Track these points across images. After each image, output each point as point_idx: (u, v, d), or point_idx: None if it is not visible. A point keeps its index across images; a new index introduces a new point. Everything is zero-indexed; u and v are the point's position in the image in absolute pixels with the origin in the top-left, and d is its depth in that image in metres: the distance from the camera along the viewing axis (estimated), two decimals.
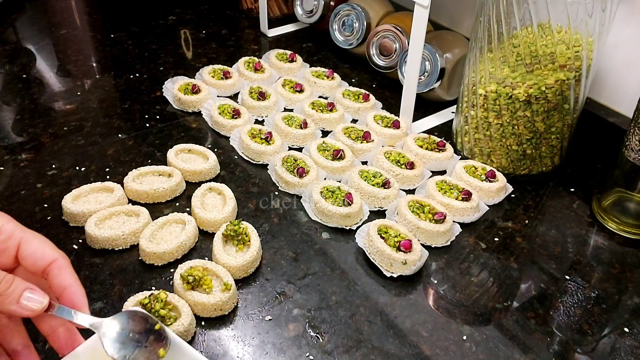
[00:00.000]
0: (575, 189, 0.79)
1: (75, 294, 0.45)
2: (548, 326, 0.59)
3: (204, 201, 0.71)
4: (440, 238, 0.68)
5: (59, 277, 0.45)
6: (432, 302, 0.62)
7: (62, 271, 0.45)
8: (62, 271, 0.45)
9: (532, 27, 0.67)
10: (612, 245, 0.70)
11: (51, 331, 0.46)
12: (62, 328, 0.46)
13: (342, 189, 0.72)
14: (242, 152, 0.82)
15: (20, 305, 0.42)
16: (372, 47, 0.97)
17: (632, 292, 0.64)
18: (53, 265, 0.45)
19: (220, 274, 0.60)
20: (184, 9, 1.26)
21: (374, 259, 0.65)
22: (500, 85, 0.73)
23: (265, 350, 0.55)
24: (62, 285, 0.45)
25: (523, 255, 0.68)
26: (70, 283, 0.45)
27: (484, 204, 0.74)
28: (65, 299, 0.45)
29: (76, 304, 0.45)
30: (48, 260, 0.44)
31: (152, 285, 0.61)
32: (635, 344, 0.58)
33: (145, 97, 0.94)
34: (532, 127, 0.74)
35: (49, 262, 0.44)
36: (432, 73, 0.87)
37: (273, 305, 0.60)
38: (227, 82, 0.94)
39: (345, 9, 1.02)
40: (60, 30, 1.16)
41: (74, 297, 0.45)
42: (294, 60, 1.02)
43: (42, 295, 0.43)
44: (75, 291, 0.45)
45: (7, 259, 0.44)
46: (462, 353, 0.56)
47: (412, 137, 0.83)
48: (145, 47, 1.10)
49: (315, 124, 0.87)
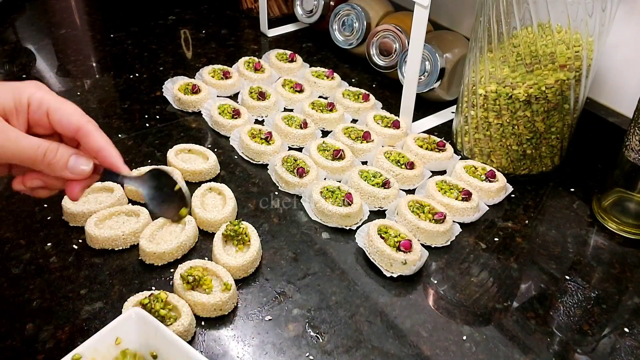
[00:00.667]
0: (575, 189, 0.79)
1: (110, 155, 0.47)
2: (548, 326, 0.59)
3: (204, 201, 0.71)
4: (440, 238, 0.68)
5: (91, 142, 0.46)
6: (432, 302, 0.62)
7: (92, 135, 0.46)
8: (92, 135, 0.46)
9: (532, 27, 0.67)
10: (612, 246, 0.70)
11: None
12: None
13: (342, 189, 0.72)
14: (242, 152, 0.82)
15: (68, 169, 0.44)
16: (372, 47, 0.97)
17: (632, 292, 0.64)
18: (81, 132, 0.46)
19: (220, 274, 0.60)
20: (183, 9, 1.26)
21: (374, 259, 0.65)
22: (500, 85, 0.73)
23: (265, 350, 0.55)
24: (95, 148, 0.46)
25: (523, 256, 0.68)
26: (102, 145, 0.46)
27: (484, 204, 0.74)
28: (100, 160, 0.47)
29: (112, 164, 0.47)
30: (75, 126, 0.46)
31: (152, 285, 0.61)
32: (635, 344, 0.58)
33: (145, 97, 0.94)
34: (532, 127, 0.74)
35: (76, 128, 0.46)
36: (432, 73, 0.87)
37: (273, 305, 0.60)
38: (227, 82, 0.94)
39: (345, 9, 1.02)
40: (60, 30, 1.16)
41: (110, 158, 0.47)
42: (294, 60, 1.02)
43: (87, 159, 0.45)
44: (110, 152, 0.47)
45: (45, 128, 0.46)
46: (462, 353, 0.56)
47: (412, 137, 0.83)
48: (145, 47, 1.10)
49: (315, 124, 0.87)
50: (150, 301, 0.55)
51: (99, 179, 0.47)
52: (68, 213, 0.68)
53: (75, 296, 0.60)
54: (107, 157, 0.46)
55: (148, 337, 0.48)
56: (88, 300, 0.59)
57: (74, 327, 0.56)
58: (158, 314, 0.54)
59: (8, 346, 0.54)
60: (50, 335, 0.55)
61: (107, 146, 0.47)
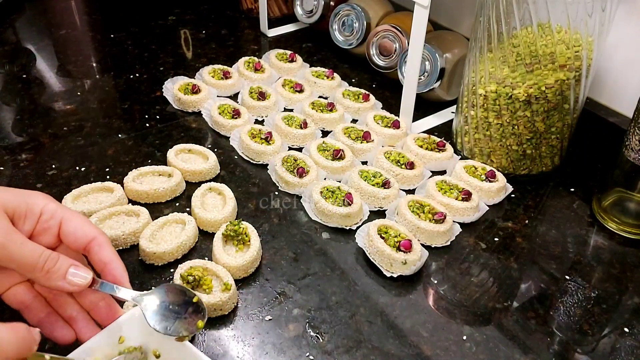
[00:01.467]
0: (575, 189, 0.79)
1: (116, 269, 0.47)
2: (548, 326, 0.59)
3: (204, 201, 0.71)
4: (440, 238, 0.68)
5: (100, 254, 0.47)
6: (432, 302, 0.62)
7: (102, 248, 0.47)
8: (103, 248, 0.47)
9: (532, 27, 0.67)
10: (612, 245, 0.70)
11: (93, 306, 0.48)
12: (102, 302, 0.48)
13: (342, 189, 0.72)
14: (242, 152, 0.82)
15: (66, 280, 0.44)
16: (372, 47, 0.97)
17: (632, 292, 0.64)
18: (93, 243, 0.47)
19: (220, 274, 0.60)
20: (183, 9, 1.26)
21: (374, 259, 0.65)
22: (500, 85, 0.73)
23: (265, 350, 0.55)
24: (103, 261, 0.47)
25: (523, 255, 0.68)
26: (110, 259, 0.47)
27: (484, 204, 0.74)
28: (106, 274, 0.47)
29: (117, 279, 0.47)
30: (89, 237, 0.47)
31: (152, 285, 0.61)
32: (635, 344, 0.58)
33: (145, 97, 0.94)
34: (532, 127, 0.74)
35: (89, 239, 0.47)
36: (432, 73, 0.87)
37: (273, 305, 0.60)
38: (227, 82, 0.94)
39: (345, 9, 1.02)
40: (60, 30, 1.16)
41: (115, 272, 0.47)
42: (294, 60, 1.02)
43: (86, 271, 0.45)
44: (116, 266, 0.47)
45: (51, 237, 0.47)
46: (462, 353, 0.56)
47: (412, 137, 0.83)
48: (145, 47, 1.10)
49: (315, 124, 0.87)
50: None
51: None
52: None
53: None
54: (115, 270, 0.47)
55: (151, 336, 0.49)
56: None
57: None
58: None
59: None
60: None
61: (116, 260, 0.48)
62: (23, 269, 0.44)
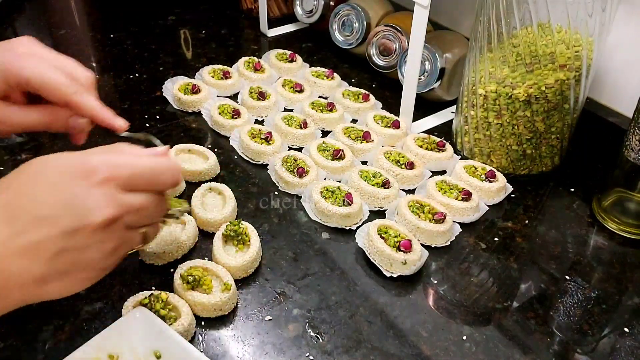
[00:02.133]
0: (575, 189, 0.79)
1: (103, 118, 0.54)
2: (548, 326, 0.59)
3: (204, 201, 0.71)
4: (440, 238, 0.68)
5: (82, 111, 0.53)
6: (432, 302, 0.62)
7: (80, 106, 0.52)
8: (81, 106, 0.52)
9: (532, 27, 0.67)
10: (612, 245, 0.70)
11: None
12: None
13: (342, 189, 0.72)
14: (242, 152, 0.82)
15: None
16: (372, 47, 0.97)
17: (632, 292, 0.64)
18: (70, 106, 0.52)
19: (220, 274, 0.60)
20: (183, 9, 1.25)
21: (374, 259, 0.65)
22: (500, 85, 0.73)
23: (265, 351, 0.55)
24: (87, 115, 0.54)
25: (523, 255, 0.68)
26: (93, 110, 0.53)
27: (484, 204, 0.74)
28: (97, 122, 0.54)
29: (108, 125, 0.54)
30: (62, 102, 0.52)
31: (152, 285, 0.61)
32: (635, 344, 0.58)
33: (145, 97, 0.94)
34: (532, 127, 0.74)
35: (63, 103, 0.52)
36: (432, 73, 0.87)
37: (273, 305, 0.60)
38: (227, 82, 0.94)
39: (345, 9, 1.02)
40: (60, 30, 1.15)
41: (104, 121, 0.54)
42: (293, 60, 1.02)
43: None
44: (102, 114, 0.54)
45: None
46: (462, 353, 0.56)
47: (412, 137, 0.83)
48: (144, 47, 1.10)
49: (315, 124, 0.87)
50: (150, 301, 0.55)
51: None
52: None
53: (75, 296, 0.59)
54: (101, 121, 0.51)
55: (152, 336, 0.49)
56: (88, 301, 0.59)
57: (73, 327, 0.56)
58: (158, 314, 0.54)
59: (8, 346, 0.54)
60: (50, 335, 0.55)
61: (99, 109, 0.52)
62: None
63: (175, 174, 0.46)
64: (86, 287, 0.43)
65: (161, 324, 0.49)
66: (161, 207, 0.47)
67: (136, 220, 0.44)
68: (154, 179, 0.45)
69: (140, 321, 0.49)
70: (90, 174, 0.41)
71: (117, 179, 0.42)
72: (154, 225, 0.48)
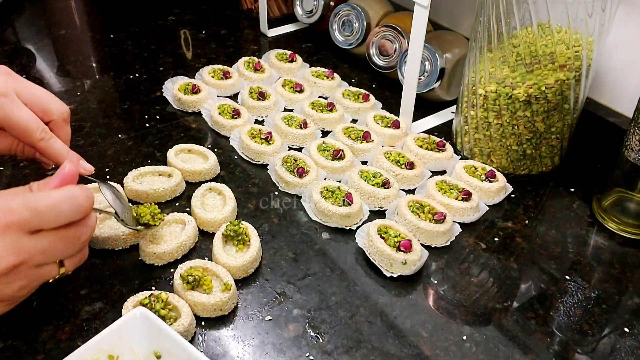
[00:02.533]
0: (575, 189, 0.79)
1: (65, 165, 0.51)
2: (548, 326, 0.59)
3: (204, 201, 0.71)
4: (440, 238, 0.68)
5: (50, 156, 0.57)
6: (432, 302, 0.62)
7: (47, 151, 0.55)
8: (47, 150, 0.55)
9: (532, 27, 0.67)
10: (612, 245, 0.70)
11: None
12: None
13: (342, 189, 0.72)
14: (242, 152, 0.82)
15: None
16: (372, 47, 0.97)
17: (632, 292, 0.64)
18: (38, 150, 0.55)
19: (220, 274, 0.60)
20: (183, 9, 1.26)
21: (374, 259, 0.65)
22: (500, 85, 0.73)
23: (265, 351, 0.55)
24: (54, 160, 0.58)
25: (523, 256, 0.68)
26: (59, 156, 0.57)
27: (484, 204, 0.74)
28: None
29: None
30: (34, 145, 0.55)
31: (152, 285, 0.61)
32: (635, 344, 0.58)
33: (144, 97, 0.94)
34: (532, 127, 0.74)
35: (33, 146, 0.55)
36: (432, 73, 0.87)
37: (273, 305, 0.60)
38: (227, 82, 0.94)
39: (345, 9, 1.02)
40: (60, 30, 1.15)
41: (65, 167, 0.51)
42: (293, 60, 1.02)
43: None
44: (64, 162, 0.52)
45: None
46: (462, 353, 0.56)
47: (412, 137, 0.83)
48: (144, 47, 1.10)
49: (315, 124, 0.87)
50: (150, 301, 0.55)
51: None
52: None
53: (75, 296, 0.60)
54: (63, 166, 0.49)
55: (152, 337, 0.49)
56: (88, 301, 0.59)
57: (73, 327, 0.56)
58: (158, 314, 0.54)
59: (8, 346, 0.54)
60: (50, 335, 0.55)
61: (65, 155, 0.55)
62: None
63: (75, 203, 0.43)
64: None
65: (161, 324, 0.49)
66: (80, 235, 0.45)
67: (46, 258, 0.43)
68: (56, 216, 0.42)
69: (140, 321, 0.49)
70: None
71: (16, 224, 0.41)
72: (73, 255, 0.47)
